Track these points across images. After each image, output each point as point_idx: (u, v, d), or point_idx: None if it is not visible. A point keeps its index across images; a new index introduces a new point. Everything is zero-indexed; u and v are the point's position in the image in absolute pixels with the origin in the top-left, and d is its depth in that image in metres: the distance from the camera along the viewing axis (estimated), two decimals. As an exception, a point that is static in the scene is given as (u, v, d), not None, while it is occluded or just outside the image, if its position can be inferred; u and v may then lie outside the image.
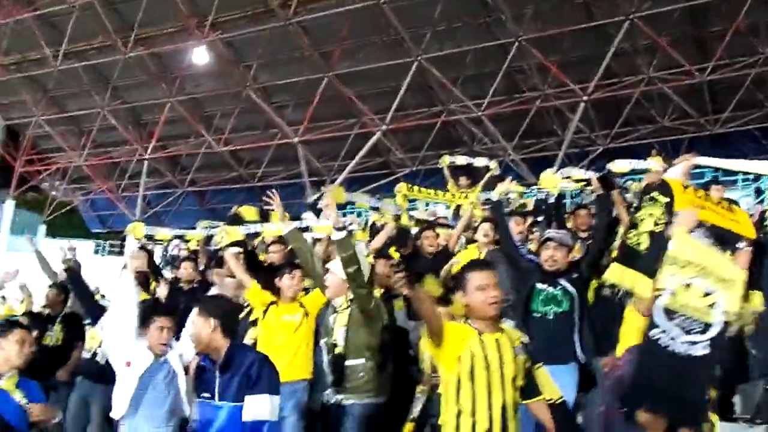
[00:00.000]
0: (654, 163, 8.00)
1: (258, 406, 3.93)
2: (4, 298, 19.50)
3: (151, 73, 28.24)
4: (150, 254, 8.78)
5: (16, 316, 8.68)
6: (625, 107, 24.78)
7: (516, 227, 7.11)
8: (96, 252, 29.31)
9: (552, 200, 8.38)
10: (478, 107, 24.45)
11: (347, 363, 5.06)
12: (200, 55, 27.22)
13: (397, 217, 8.30)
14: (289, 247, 7.97)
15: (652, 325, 2.15)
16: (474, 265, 3.80)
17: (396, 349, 5.64)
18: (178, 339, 5.15)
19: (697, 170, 8.21)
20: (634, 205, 4.63)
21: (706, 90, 23.93)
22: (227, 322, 4.22)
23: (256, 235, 7.49)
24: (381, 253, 6.71)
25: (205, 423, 4.12)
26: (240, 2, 24.73)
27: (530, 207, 10.04)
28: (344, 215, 10.13)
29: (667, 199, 3.36)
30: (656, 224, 3.34)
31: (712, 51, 22.33)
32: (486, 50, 23.89)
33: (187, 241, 9.69)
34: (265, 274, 6.54)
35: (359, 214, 15.04)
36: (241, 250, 7.05)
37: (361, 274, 5.04)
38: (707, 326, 2.14)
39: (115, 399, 4.85)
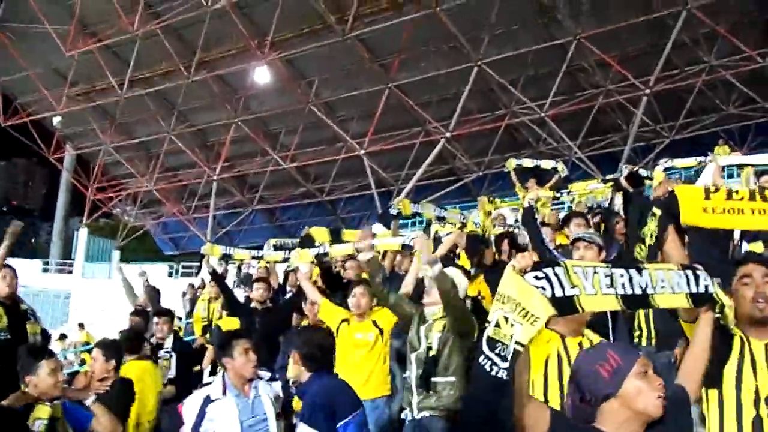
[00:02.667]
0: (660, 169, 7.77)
1: None
2: (82, 325, 20.12)
3: (215, 95, 28.96)
4: (223, 277, 8.61)
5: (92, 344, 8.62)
6: (688, 98, 24.48)
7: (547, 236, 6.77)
8: (170, 275, 30.00)
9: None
10: (541, 108, 24.38)
11: (436, 379, 4.93)
12: (262, 75, 27.86)
13: (463, 225, 8.07)
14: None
15: (480, 352, 2.45)
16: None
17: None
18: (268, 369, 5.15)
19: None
20: None
21: (770, 75, 23.63)
22: (309, 353, 4.29)
23: (325, 255, 7.51)
24: (445, 263, 6.18)
25: None
26: (298, 20, 25.14)
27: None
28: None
29: (659, 212, 3.31)
30: (651, 237, 3.32)
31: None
32: (545, 50, 23.92)
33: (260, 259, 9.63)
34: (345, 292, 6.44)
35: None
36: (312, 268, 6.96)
37: (460, 303, 5.02)
38: (509, 353, 2.44)
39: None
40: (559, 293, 2.48)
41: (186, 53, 27.29)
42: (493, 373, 2.40)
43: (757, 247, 4.82)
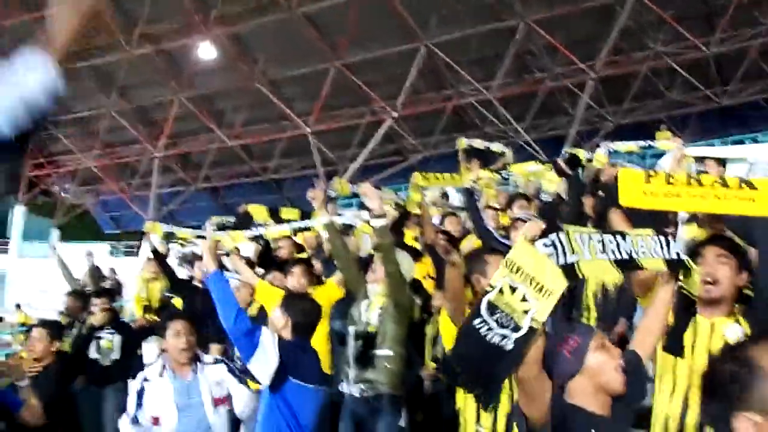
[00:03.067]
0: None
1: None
2: (19, 306, 19.68)
3: (158, 70, 28.22)
4: (164, 256, 8.43)
5: (31, 324, 8.43)
6: (634, 83, 24.96)
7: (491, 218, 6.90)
8: (111, 254, 29.35)
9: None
10: (488, 89, 24.57)
11: (376, 352, 4.98)
12: (206, 51, 27.23)
13: (398, 205, 8.00)
14: (296, 243, 7.98)
15: (476, 314, 2.40)
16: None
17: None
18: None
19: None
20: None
21: (712, 63, 24.08)
22: (299, 321, 4.30)
23: (261, 236, 7.40)
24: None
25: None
26: (244, -6, 24.61)
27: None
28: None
29: (602, 194, 3.48)
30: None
31: (717, 24, 22.50)
32: (493, 32, 23.92)
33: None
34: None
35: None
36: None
37: (397, 266, 4.99)
38: (517, 327, 2.36)
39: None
40: (562, 261, 2.51)
41: (128, 26, 26.45)
42: (488, 338, 2.38)
43: (692, 229, 4.81)
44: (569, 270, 2.50)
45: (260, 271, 6.93)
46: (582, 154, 7.57)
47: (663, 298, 2.94)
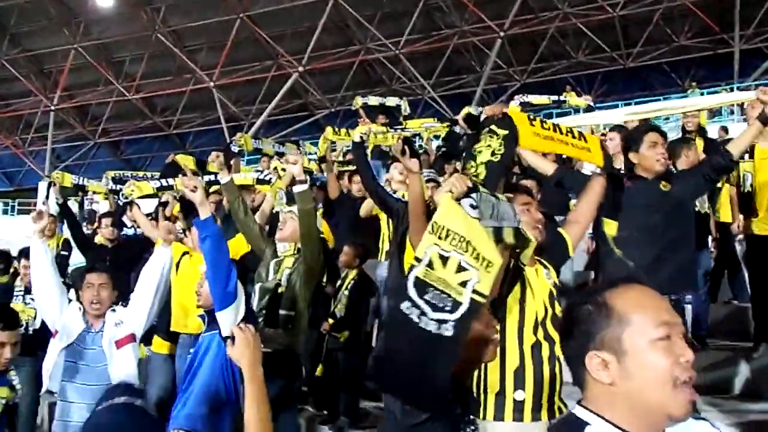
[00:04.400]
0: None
1: None
2: None
3: (52, 17, 26.82)
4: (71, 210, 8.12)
5: None
6: (541, 43, 25.11)
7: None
8: (5, 212, 27.98)
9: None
10: (396, 45, 24.34)
11: (281, 311, 4.71)
12: (103, -3, 26.00)
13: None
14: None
15: (403, 296, 1.94)
16: None
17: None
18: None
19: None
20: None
21: (618, 26, 24.38)
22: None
23: (170, 188, 7.05)
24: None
25: None
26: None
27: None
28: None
29: (506, 132, 3.24)
30: (493, 155, 3.26)
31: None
32: (403, -13, 23.65)
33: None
34: None
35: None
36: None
37: (316, 234, 4.82)
38: (456, 305, 1.97)
39: (45, 373, 4.41)
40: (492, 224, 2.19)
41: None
42: (422, 324, 1.95)
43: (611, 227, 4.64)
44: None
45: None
46: (474, 110, 7.45)
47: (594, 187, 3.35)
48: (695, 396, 1.36)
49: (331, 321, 5.63)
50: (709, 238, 6.13)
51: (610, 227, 4.01)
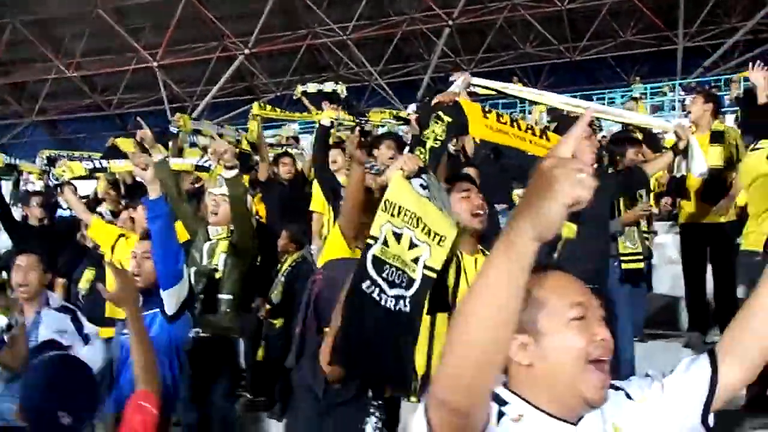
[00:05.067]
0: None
1: None
2: None
3: (-13, -10, 25.92)
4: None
5: None
6: (489, 33, 25.25)
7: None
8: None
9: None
10: (344, 31, 24.22)
11: (218, 296, 4.82)
12: (43, -29, 25.18)
13: (237, 142, 8.01)
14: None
15: (363, 275, 1.94)
16: None
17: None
18: None
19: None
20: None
21: (566, 18, 24.67)
22: None
23: (103, 169, 6.85)
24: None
25: None
26: None
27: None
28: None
29: (449, 119, 3.35)
30: (435, 141, 3.40)
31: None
32: (351, -29, 23.48)
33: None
34: None
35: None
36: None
37: (248, 216, 4.92)
38: (411, 281, 1.99)
39: None
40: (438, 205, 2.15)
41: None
42: (382, 302, 1.99)
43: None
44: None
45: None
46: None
47: None
48: (608, 380, 1.42)
49: (268, 307, 5.60)
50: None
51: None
